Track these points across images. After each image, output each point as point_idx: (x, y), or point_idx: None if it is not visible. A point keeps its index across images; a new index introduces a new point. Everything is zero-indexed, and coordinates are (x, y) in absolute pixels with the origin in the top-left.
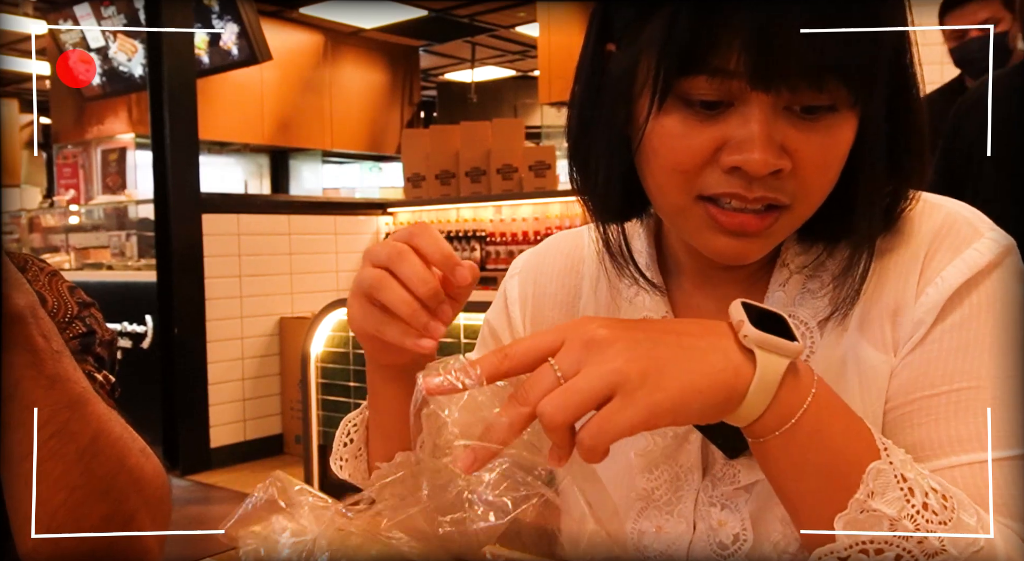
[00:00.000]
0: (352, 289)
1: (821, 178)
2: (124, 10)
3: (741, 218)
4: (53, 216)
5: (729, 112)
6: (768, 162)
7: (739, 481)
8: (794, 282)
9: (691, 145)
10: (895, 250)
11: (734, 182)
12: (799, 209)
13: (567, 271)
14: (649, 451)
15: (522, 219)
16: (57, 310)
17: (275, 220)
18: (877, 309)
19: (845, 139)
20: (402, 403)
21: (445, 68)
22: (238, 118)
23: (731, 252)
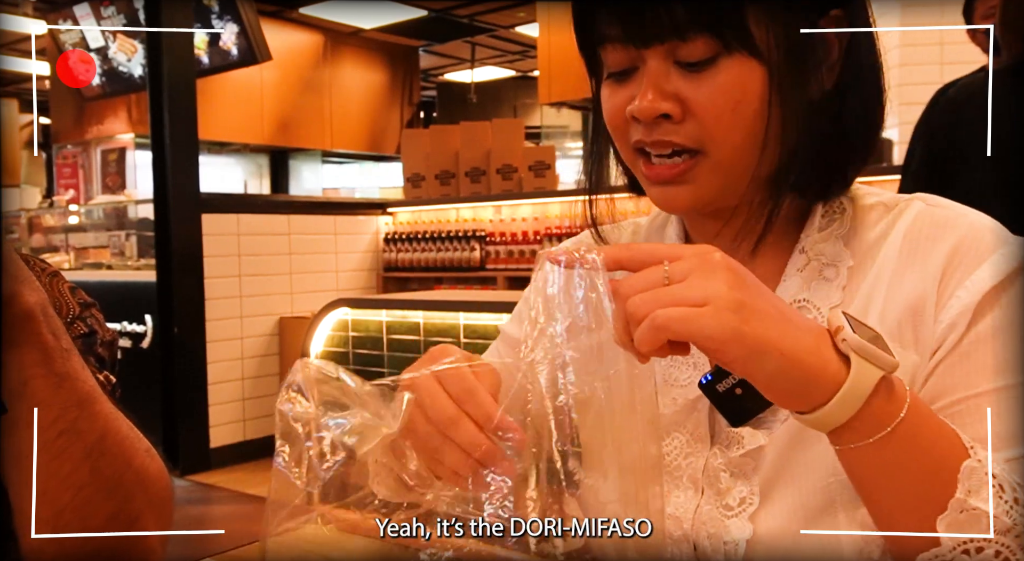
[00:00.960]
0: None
1: (720, 121)
2: (124, 10)
3: (658, 168)
4: (53, 216)
5: (636, 75)
6: (651, 107)
7: (744, 446)
8: (811, 268)
9: (615, 105)
10: (916, 253)
11: (639, 130)
12: (714, 154)
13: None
14: (661, 416)
15: (522, 219)
16: (59, 310)
17: (275, 220)
18: (896, 307)
19: (735, 84)
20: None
21: (445, 68)
22: (238, 118)
23: (662, 199)
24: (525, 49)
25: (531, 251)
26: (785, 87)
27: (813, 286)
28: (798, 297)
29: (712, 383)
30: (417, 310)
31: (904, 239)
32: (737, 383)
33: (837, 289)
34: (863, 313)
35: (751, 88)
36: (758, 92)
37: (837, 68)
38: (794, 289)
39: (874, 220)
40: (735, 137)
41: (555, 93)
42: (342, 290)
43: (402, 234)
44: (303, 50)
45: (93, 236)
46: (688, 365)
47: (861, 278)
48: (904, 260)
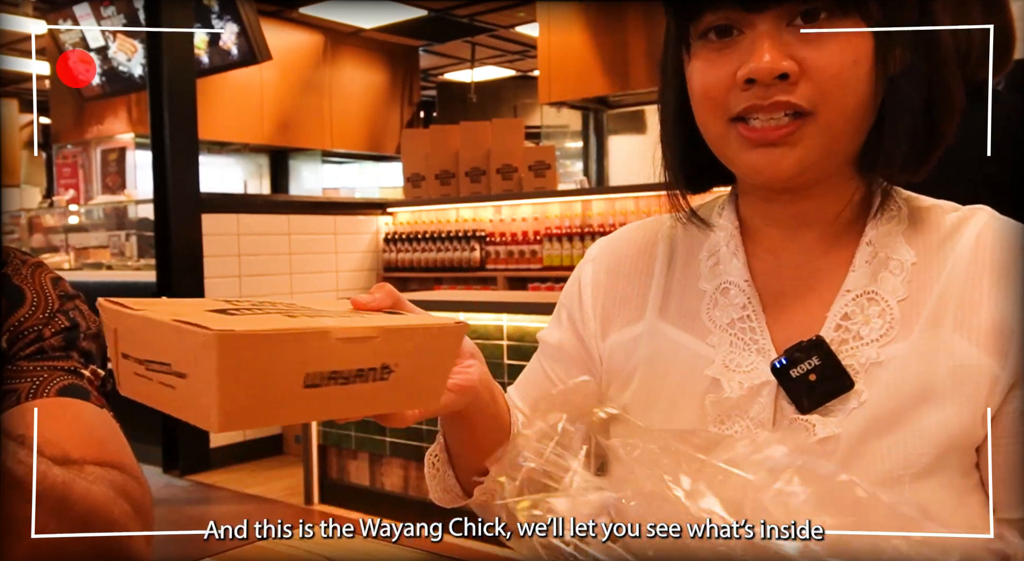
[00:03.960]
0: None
1: (835, 82)
2: (124, 10)
3: (763, 129)
4: (53, 216)
5: (740, 40)
6: (772, 67)
7: (816, 434)
8: (878, 261)
9: (715, 72)
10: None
11: (752, 94)
12: (823, 115)
13: (641, 254)
14: (724, 399)
15: (522, 219)
16: (37, 306)
17: (275, 220)
18: (980, 313)
19: (852, 45)
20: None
21: (445, 68)
22: (238, 118)
23: (763, 163)
24: (525, 49)
25: (531, 251)
26: (889, 53)
27: (880, 278)
28: (868, 289)
29: (786, 368)
30: None
31: (976, 247)
32: (812, 369)
33: (903, 284)
34: (937, 316)
35: (863, 51)
36: (868, 56)
37: (911, 46)
38: (864, 280)
39: (934, 221)
40: (847, 100)
41: (555, 93)
42: (342, 290)
43: (402, 234)
44: (303, 50)
45: (93, 236)
46: (752, 350)
47: (927, 277)
48: (978, 268)
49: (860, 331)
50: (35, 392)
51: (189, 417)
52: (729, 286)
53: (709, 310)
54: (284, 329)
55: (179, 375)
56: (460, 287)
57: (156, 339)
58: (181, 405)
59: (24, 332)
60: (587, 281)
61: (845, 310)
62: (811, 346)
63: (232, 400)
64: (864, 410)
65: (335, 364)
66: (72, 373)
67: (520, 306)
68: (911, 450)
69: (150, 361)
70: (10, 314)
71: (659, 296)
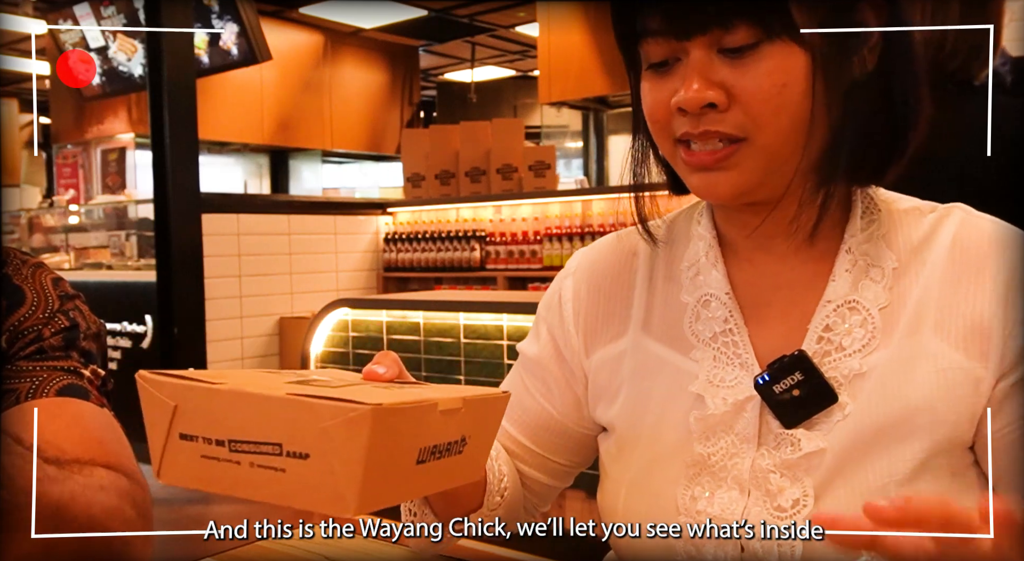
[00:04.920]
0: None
1: (765, 107)
2: (124, 10)
3: (699, 155)
4: (53, 216)
5: (677, 66)
6: (698, 97)
7: (801, 449)
8: (858, 269)
9: (657, 98)
10: (968, 264)
11: (686, 122)
12: (758, 140)
13: (621, 267)
14: (708, 416)
15: (522, 219)
16: (37, 306)
17: (275, 220)
18: (957, 315)
19: (779, 69)
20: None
21: (445, 68)
22: (238, 118)
23: (702, 186)
24: (525, 49)
25: (531, 251)
26: (828, 70)
27: (861, 286)
28: (848, 298)
29: (769, 384)
30: (417, 310)
31: (952, 247)
32: (796, 384)
33: (884, 291)
34: (916, 320)
35: (795, 72)
36: (802, 76)
37: (878, 50)
38: (844, 289)
39: (912, 223)
40: (781, 122)
41: (555, 93)
42: (342, 290)
43: (402, 234)
44: (303, 50)
45: (93, 236)
46: (735, 365)
47: (908, 281)
48: (955, 269)
49: (842, 342)
50: (35, 392)
51: (306, 502)
52: (710, 298)
53: (691, 323)
54: (414, 402)
55: (297, 456)
56: (460, 287)
57: (256, 416)
58: (293, 490)
59: (24, 332)
60: (568, 296)
61: (827, 321)
62: (793, 361)
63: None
64: (849, 422)
65: (437, 437)
66: (72, 373)
67: (520, 306)
68: (896, 458)
69: (240, 441)
70: (10, 314)
71: (642, 310)
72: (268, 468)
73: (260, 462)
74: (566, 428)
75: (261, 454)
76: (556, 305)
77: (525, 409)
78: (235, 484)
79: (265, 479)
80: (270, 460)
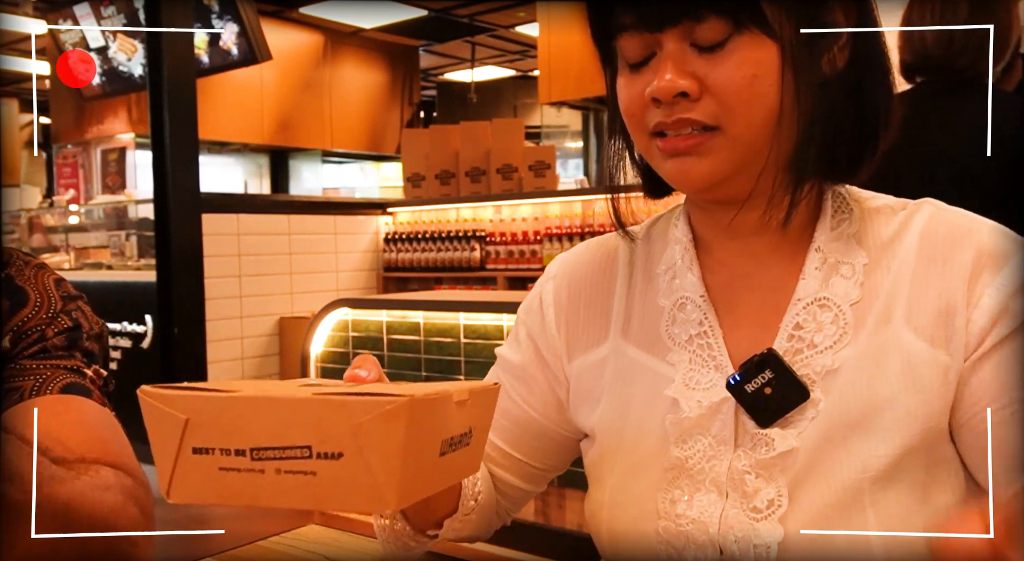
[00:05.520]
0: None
1: (736, 97)
2: (124, 10)
3: (673, 140)
4: (53, 216)
5: (652, 60)
6: (670, 86)
7: (775, 448)
8: (828, 266)
9: (632, 93)
10: (936, 255)
11: (659, 112)
12: (730, 129)
13: (601, 272)
14: (683, 419)
15: (522, 219)
16: (40, 306)
17: (275, 220)
18: (925, 309)
19: (749, 61)
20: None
21: (445, 68)
22: (238, 118)
23: (676, 172)
24: (525, 49)
25: (531, 251)
26: (798, 63)
27: (832, 283)
28: (819, 295)
29: (740, 384)
30: (417, 310)
31: (921, 240)
32: (767, 382)
33: (855, 286)
34: (886, 313)
35: (765, 64)
36: (772, 68)
37: (847, 50)
38: (814, 287)
39: (883, 220)
40: (752, 112)
41: (555, 93)
42: (342, 290)
43: (402, 234)
44: (303, 50)
45: (93, 236)
46: (710, 367)
47: (879, 276)
48: (924, 261)
49: (814, 339)
50: (38, 390)
51: (342, 504)
52: (686, 301)
53: (668, 327)
54: (436, 393)
55: (329, 457)
56: (460, 287)
57: (281, 421)
58: (327, 492)
59: (27, 332)
60: (549, 301)
61: (797, 319)
62: (763, 360)
63: (408, 474)
64: (821, 419)
65: (453, 429)
66: (75, 372)
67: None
68: (869, 454)
69: (264, 448)
70: (13, 315)
71: (621, 315)
72: (297, 473)
73: (288, 467)
74: (547, 431)
75: (288, 459)
76: (537, 309)
77: (505, 413)
78: (259, 494)
79: (294, 485)
80: (299, 464)
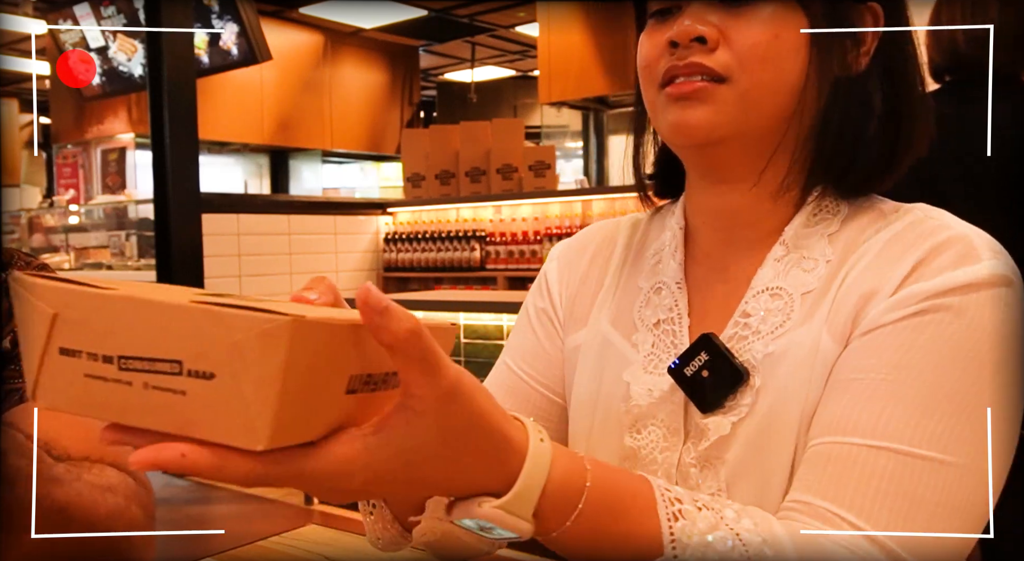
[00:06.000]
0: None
1: (753, 51)
2: (124, 10)
3: (681, 85)
4: (53, 216)
5: (676, 15)
6: (690, 30)
7: (709, 438)
8: (790, 259)
9: (651, 43)
10: (892, 253)
11: (673, 57)
12: (739, 82)
13: (598, 256)
14: (633, 407)
15: (522, 219)
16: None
17: (275, 220)
18: (850, 297)
19: (776, 20)
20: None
21: (445, 68)
22: (238, 118)
23: (676, 117)
24: (525, 49)
25: (531, 251)
26: (822, 40)
27: (791, 274)
28: (771, 284)
29: (680, 367)
30: (417, 310)
31: (891, 240)
32: (703, 365)
33: (815, 279)
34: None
35: (789, 28)
36: (795, 34)
37: (870, 54)
38: (769, 276)
39: (866, 223)
40: (765, 72)
41: (555, 93)
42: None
43: (402, 234)
44: (303, 50)
45: (93, 236)
46: (670, 353)
47: (841, 273)
48: (878, 258)
49: (759, 327)
50: None
51: (208, 431)
52: (662, 286)
53: (640, 308)
54: (346, 320)
55: (199, 376)
56: (460, 287)
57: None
58: (194, 417)
59: None
60: (553, 279)
61: (746, 307)
62: (699, 343)
63: (289, 407)
64: (758, 406)
65: (371, 366)
66: None
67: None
68: (790, 447)
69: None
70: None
71: (608, 295)
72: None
73: (155, 382)
74: (564, 413)
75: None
76: (544, 289)
77: (523, 399)
78: (125, 410)
79: (160, 403)
80: (167, 381)
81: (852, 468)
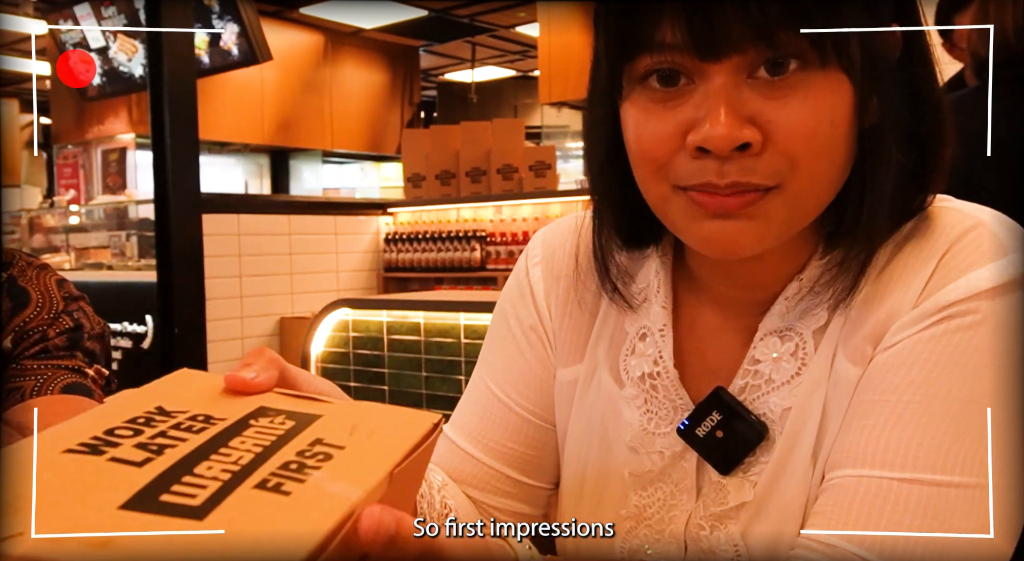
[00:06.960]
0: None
1: (806, 147)
2: (124, 10)
3: (724, 199)
4: (53, 216)
5: (690, 91)
6: (731, 136)
7: (727, 502)
8: (803, 295)
9: (657, 130)
10: (907, 262)
11: (705, 168)
12: (792, 187)
13: (591, 271)
14: (645, 471)
15: (522, 219)
16: (42, 307)
17: (275, 220)
18: (869, 323)
19: (828, 102)
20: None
21: (445, 68)
22: (238, 118)
23: (720, 237)
24: (525, 49)
25: None
26: (868, 104)
27: (800, 309)
28: (780, 326)
29: (691, 428)
30: (418, 310)
31: (899, 244)
32: (717, 425)
33: (824, 310)
34: (831, 330)
35: (842, 106)
36: (847, 115)
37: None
38: (776, 321)
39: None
40: (821, 167)
41: (555, 93)
42: (343, 290)
43: (402, 234)
44: (303, 50)
45: (94, 236)
46: (669, 410)
47: (857, 299)
48: (894, 264)
49: (772, 375)
50: (39, 389)
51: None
52: (647, 332)
53: (626, 357)
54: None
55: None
56: (460, 287)
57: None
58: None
59: (29, 332)
60: (540, 289)
61: (754, 353)
62: (710, 401)
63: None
64: (773, 465)
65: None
66: (76, 372)
67: None
68: (810, 476)
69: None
70: (15, 315)
71: (603, 329)
72: None
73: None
74: (555, 438)
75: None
76: (529, 298)
77: (515, 431)
78: None
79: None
80: None
81: (883, 506)
